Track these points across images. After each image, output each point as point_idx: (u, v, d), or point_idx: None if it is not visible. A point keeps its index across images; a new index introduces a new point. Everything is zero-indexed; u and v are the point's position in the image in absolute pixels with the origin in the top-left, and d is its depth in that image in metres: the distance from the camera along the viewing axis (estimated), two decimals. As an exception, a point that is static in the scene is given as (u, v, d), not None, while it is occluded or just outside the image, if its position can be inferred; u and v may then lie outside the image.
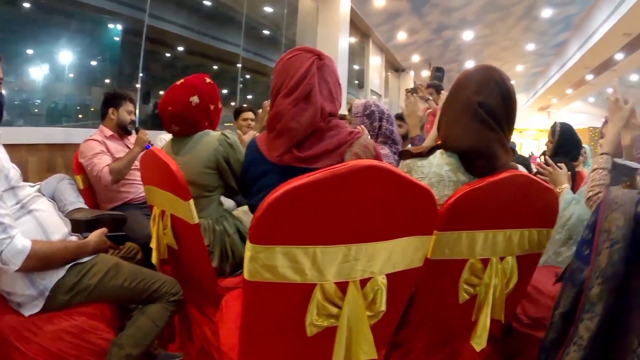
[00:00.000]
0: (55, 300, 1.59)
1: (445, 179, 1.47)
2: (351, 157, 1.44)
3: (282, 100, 1.45)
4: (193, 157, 1.92)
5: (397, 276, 1.17)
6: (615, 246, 1.26)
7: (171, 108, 1.92)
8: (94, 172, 2.68)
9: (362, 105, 2.70)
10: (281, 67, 1.49)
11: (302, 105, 1.42)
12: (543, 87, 16.71)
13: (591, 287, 1.29)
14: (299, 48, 1.52)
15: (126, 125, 2.93)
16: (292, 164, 1.43)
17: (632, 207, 1.26)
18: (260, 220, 0.95)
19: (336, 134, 1.47)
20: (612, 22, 8.32)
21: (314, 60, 1.47)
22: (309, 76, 1.43)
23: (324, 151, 1.43)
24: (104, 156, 2.73)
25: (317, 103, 1.43)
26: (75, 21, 4.18)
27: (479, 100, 1.44)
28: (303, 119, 1.41)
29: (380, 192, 1.05)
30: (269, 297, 1.06)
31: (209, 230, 1.92)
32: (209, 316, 1.87)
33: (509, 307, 1.57)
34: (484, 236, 1.41)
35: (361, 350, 1.11)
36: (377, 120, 2.67)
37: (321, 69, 1.48)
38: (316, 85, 1.44)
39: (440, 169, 1.47)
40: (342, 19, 7.43)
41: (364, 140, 1.50)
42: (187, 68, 6.44)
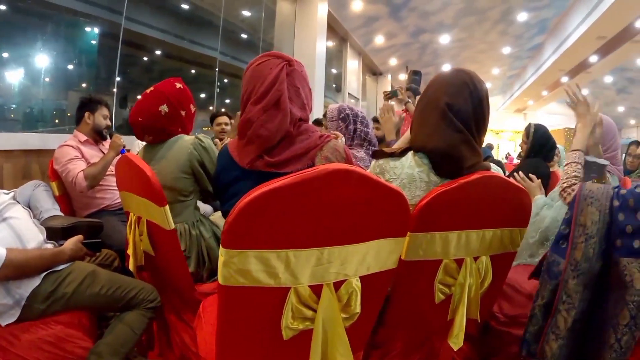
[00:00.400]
0: (32, 309, 1.57)
1: (417, 179, 1.48)
2: (321, 160, 1.46)
3: (252, 107, 1.45)
4: (168, 162, 1.91)
5: (372, 278, 1.18)
6: (590, 241, 1.29)
7: (141, 119, 1.91)
8: (69, 178, 2.64)
9: (336, 109, 2.72)
10: (251, 74, 1.50)
11: (272, 112, 1.43)
12: (519, 89, 16.95)
13: (567, 280, 1.32)
14: (268, 54, 1.52)
15: (102, 130, 2.90)
16: (263, 169, 1.44)
17: (607, 202, 1.29)
18: (233, 224, 0.96)
19: (306, 138, 1.48)
20: (587, 26, 8.49)
21: (284, 66, 1.47)
22: (278, 82, 1.44)
23: (294, 155, 1.44)
24: (79, 162, 2.69)
25: (286, 109, 1.44)
26: (52, 24, 4.11)
27: (447, 102, 1.46)
28: (272, 125, 1.42)
29: (351, 195, 1.06)
30: (244, 301, 1.06)
31: (185, 234, 1.91)
32: (188, 322, 1.86)
33: (485, 306, 1.59)
34: (458, 236, 1.43)
35: (337, 353, 1.11)
36: (352, 124, 2.70)
37: (290, 74, 1.48)
38: (285, 92, 1.45)
39: (412, 169, 1.49)
40: (320, 23, 7.44)
41: (334, 143, 1.51)
42: (165, 72, 6.38)
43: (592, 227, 1.30)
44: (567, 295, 1.32)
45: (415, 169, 1.49)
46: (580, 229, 1.32)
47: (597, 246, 1.29)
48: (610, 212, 1.29)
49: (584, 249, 1.30)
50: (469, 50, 12.72)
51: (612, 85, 15.91)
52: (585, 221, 1.31)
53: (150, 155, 1.97)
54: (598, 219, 1.30)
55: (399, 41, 10.84)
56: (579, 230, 1.32)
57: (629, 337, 1.25)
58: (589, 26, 8.39)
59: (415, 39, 10.98)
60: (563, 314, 1.33)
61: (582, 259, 1.30)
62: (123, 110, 5.23)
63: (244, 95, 1.50)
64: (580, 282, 1.30)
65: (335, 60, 10.00)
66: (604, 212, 1.29)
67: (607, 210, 1.29)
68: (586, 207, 1.31)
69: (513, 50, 13.35)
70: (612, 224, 1.28)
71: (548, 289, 1.40)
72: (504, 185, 1.45)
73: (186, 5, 6.36)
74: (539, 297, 1.42)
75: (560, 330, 1.34)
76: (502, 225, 1.51)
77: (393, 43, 10.85)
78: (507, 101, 19.89)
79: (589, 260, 1.29)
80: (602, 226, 1.29)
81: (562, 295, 1.33)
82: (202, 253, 1.93)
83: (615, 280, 1.29)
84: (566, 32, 9.94)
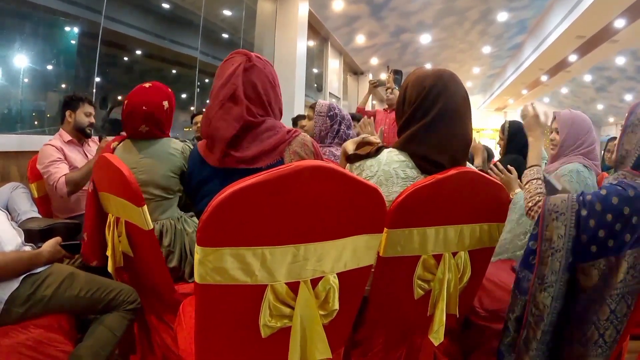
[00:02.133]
0: (10, 313, 1.55)
1: (394, 176, 1.49)
2: (290, 155, 1.49)
3: (211, 103, 1.49)
4: (159, 159, 1.94)
5: (349, 275, 1.19)
6: (557, 254, 1.32)
7: (145, 108, 1.91)
8: (50, 182, 2.61)
9: (326, 105, 2.81)
10: (217, 72, 1.53)
11: (227, 105, 1.46)
12: (499, 88, 17.11)
13: (534, 294, 1.35)
14: (235, 52, 1.55)
15: (84, 127, 2.86)
16: (233, 166, 1.46)
17: (573, 215, 1.31)
18: (207, 222, 0.95)
19: (274, 133, 1.50)
20: (566, 25, 8.58)
21: (242, 62, 1.49)
22: (233, 77, 1.46)
23: (262, 151, 1.46)
24: (61, 164, 2.66)
25: (242, 102, 1.46)
26: (30, 23, 4.04)
27: (441, 105, 1.49)
28: (229, 117, 1.44)
29: (326, 191, 1.06)
30: (221, 299, 1.06)
31: (170, 230, 1.94)
32: (168, 323, 1.85)
33: (464, 302, 1.61)
34: (436, 232, 1.44)
35: (316, 350, 1.12)
36: (337, 124, 2.79)
37: (249, 70, 1.49)
38: (240, 86, 1.46)
39: (388, 166, 1.50)
40: (301, 23, 7.43)
41: (302, 138, 1.54)
42: (145, 72, 6.32)
43: (558, 241, 1.32)
44: (536, 308, 1.34)
45: (391, 165, 1.50)
46: (546, 244, 1.33)
47: (564, 259, 1.31)
48: (577, 225, 1.31)
49: (551, 263, 1.32)
50: (450, 49, 12.80)
51: (592, 83, 16.15)
52: (551, 235, 1.33)
53: (137, 150, 1.98)
54: (564, 232, 1.32)
55: (380, 41, 10.87)
56: (545, 245, 1.34)
57: (612, 331, 1.28)
58: (568, 26, 8.49)
59: (396, 39, 11.02)
60: (533, 326, 1.36)
61: (549, 273, 1.32)
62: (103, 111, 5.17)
63: (210, 94, 1.52)
64: (547, 295, 1.33)
65: (316, 59, 10.00)
66: (569, 226, 1.31)
67: (573, 223, 1.31)
68: (551, 222, 1.33)
69: (493, 50, 13.47)
70: (580, 236, 1.30)
71: (519, 304, 1.42)
72: (480, 180, 1.47)
73: (166, 4, 6.31)
74: (511, 311, 1.45)
75: (531, 343, 1.36)
76: (480, 221, 1.53)
77: (374, 42, 10.87)
78: (487, 100, 20.09)
79: (556, 273, 1.32)
80: (568, 240, 1.31)
81: (531, 308, 1.36)
82: (185, 248, 1.95)
83: (589, 283, 1.31)
84: (546, 31, 10.05)
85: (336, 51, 10.71)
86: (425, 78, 1.54)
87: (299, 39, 7.34)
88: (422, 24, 10.18)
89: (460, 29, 11.07)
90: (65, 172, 2.62)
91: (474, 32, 11.41)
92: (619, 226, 1.25)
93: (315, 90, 10.19)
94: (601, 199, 1.29)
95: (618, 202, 1.26)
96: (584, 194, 1.33)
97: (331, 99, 10.57)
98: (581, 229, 1.29)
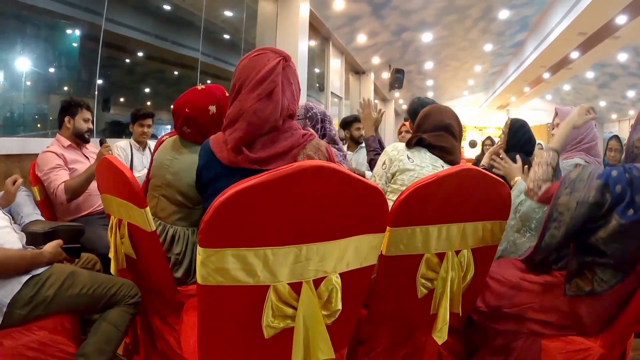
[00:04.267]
0: (13, 315, 1.56)
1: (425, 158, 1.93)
2: (304, 159, 1.45)
3: (246, 95, 1.44)
4: (187, 167, 1.86)
5: (352, 274, 1.18)
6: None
7: (188, 110, 1.86)
8: (50, 189, 2.63)
9: (303, 107, 2.65)
10: (247, 63, 1.49)
11: (265, 101, 1.42)
12: (502, 86, 17.07)
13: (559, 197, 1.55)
14: (265, 48, 1.53)
15: (83, 133, 2.86)
16: (245, 165, 1.43)
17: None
18: (209, 223, 0.95)
19: (290, 136, 1.48)
20: (567, 22, 8.57)
21: (280, 60, 1.48)
22: (274, 74, 1.44)
23: (276, 153, 1.44)
24: (61, 171, 2.66)
25: (278, 101, 1.44)
26: (31, 27, 4.05)
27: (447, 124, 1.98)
28: (264, 114, 1.42)
29: (327, 191, 1.06)
30: (223, 300, 1.06)
31: (183, 238, 1.88)
32: (172, 325, 1.84)
33: (468, 300, 1.61)
34: (438, 230, 1.44)
35: (319, 350, 1.12)
36: (319, 122, 2.65)
37: (286, 69, 1.49)
38: (280, 84, 1.45)
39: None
40: (302, 23, 7.41)
41: (316, 142, 1.51)
42: (146, 74, 6.32)
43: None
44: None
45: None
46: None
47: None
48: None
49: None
50: (451, 47, 12.78)
51: (594, 80, 16.12)
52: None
53: (177, 149, 1.94)
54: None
55: (381, 40, 10.85)
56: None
57: None
58: (569, 23, 8.47)
59: (398, 38, 11.00)
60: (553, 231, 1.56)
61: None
62: (105, 113, 5.18)
63: (237, 84, 1.48)
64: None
65: (317, 59, 9.97)
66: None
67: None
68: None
69: (495, 48, 13.45)
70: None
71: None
72: (481, 177, 1.46)
73: (167, 5, 6.31)
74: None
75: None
76: (482, 219, 1.53)
77: (375, 42, 10.85)
78: (489, 98, 20.04)
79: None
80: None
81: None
82: (194, 262, 1.89)
83: None
84: (547, 28, 10.03)
85: (338, 51, 10.68)
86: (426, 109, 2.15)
87: (300, 39, 7.32)
88: (423, 22, 10.17)
89: (461, 27, 11.05)
90: (64, 178, 2.63)
91: (476, 30, 11.40)
92: None
93: (317, 90, 10.17)
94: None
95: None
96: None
97: (333, 98, 10.55)
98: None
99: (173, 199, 1.87)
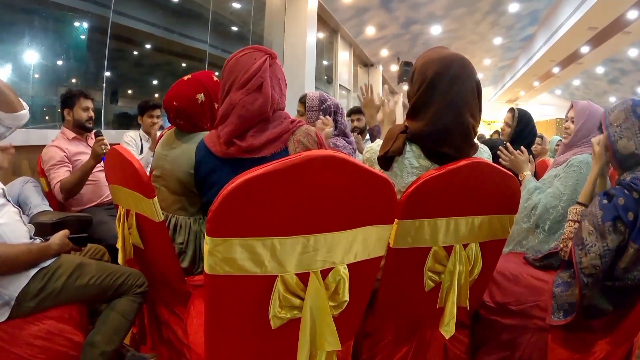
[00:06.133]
0: (22, 307, 1.56)
1: (407, 166, 1.52)
2: (294, 143, 1.50)
3: (235, 92, 1.48)
4: (185, 154, 1.87)
5: (360, 266, 1.18)
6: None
7: (176, 103, 1.88)
8: (51, 185, 2.69)
9: (317, 99, 2.65)
10: (234, 63, 1.53)
11: (254, 95, 1.47)
12: (511, 80, 16.97)
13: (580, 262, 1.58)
14: (251, 47, 1.57)
15: (84, 123, 2.88)
16: (238, 155, 1.47)
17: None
18: (217, 212, 0.95)
19: (279, 123, 1.52)
20: (578, 17, 8.50)
21: (267, 58, 1.52)
22: (261, 71, 1.49)
23: (267, 140, 1.48)
24: (61, 169, 2.70)
25: (268, 93, 1.48)
26: (39, 19, 4.06)
27: (454, 87, 1.47)
28: (253, 107, 1.46)
29: (336, 181, 1.05)
30: (230, 290, 1.05)
31: (185, 227, 1.89)
32: (179, 315, 1.85)
33: (475, 294, 1.60)
34: (446, 223, 1.43)
35: (326, 341, 1.11)
36: (332, 115, 2.64)
37: (272, 66, 1.54)
38: (267, 79, 1.50)
39: (401, 157, 1.54)
40: (310, 15, 7.39)
41: (305, 127, 1.55)
42: (154, 66, 6.32)
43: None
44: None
45: (404, 156, 1.52)
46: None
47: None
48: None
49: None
50: (460, 41, 12.70)
51: (604, 76, 15.98)
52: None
53: (173, 140, 1.96)
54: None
55: (390, 32, 10.80)
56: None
57: None
58: (580, 17, 8.40)
59: (406, 30, 10.94)
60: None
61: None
62: (113, 106, 5.19)
63: (226, 84, 1.52)
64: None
65: (326, 51, 9.94)
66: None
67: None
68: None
69: (504, 41, 13.36)
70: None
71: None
72: (491, 171, 1.45)
73: (175, -2, 6.32)
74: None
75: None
76: (491, 212, 1.52)
77: (384, 34, 10.80)
78: (498, 92, 19.93)
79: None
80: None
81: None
82: (200, 250, 1.91)
83: None
84: (557, 22, 9.94)
85: (346, 43, 10.64)
86: (430, 65, 1.50)
87: (308, 31, 7.30)
88: (432, 15, 10.10)
89: (471, 20, 10.98)
90: (61, 177, 2.66)
91: (485, 23, 11.32)
92: None
93: (325, 83, 10.15)
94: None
95: None
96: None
97: (341, 91, 10.52)
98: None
99: (173, 188, 1.89)
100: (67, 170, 2.72)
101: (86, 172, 2.66)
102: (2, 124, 1.89)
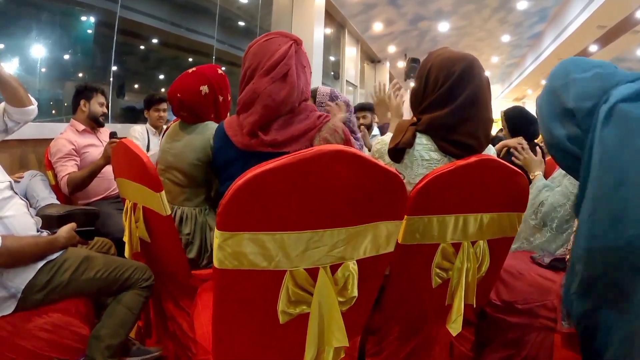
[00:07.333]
0: (28, 300, 1.57)
1: (418, 158, 1.53)
2: (320, 142, 1.46)
3: (259, 79, 1.44)
4: (189, 146, 1.90)
5: (369, 262, 1.17)
6: None
7: (180, 95, 1.89)
8: (57, 178, 2.68)
9: (328, 94, 2.65)
10: (257, 49, 1.49)
11: (279, 84, 1.43)
12: (518, 78, 16.90)
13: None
14: (275, 32, 1.53)
15: (98, 117, 2.89)
16: (259, 149, 1.44)
17: None
18: (227, 206, 0.95)
19: (304, 118, 1.48)
20: (587, 15, 8.44)
21: (292, 44, 1.49)
22: (287, 57, 1.45)
23: (292, 136, 1.44)
24: (68, 162, 2.70)
25: (294, 83, 1.45)
26: (47, 13, 4.06)
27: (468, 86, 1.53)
28: (279, 97, 1.43)
29: (347, 177, 1.05)
30: (239, 284, 1.05)
31: (191, 218, 1.90)
32: (185, 309, 1.86)
33: (482, 292, 1.59)
34: (455, 220, 1.42)
35: (334, 337, 1.11)
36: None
37: (298, 53, 1.50)
38: (293, 67, 1.46)
39: (412, 149, 1.54)
40: (317, 10, 7.38)
41: (332, 123, 1.51)
42: (161, 60, 6.33)
43: None
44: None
45: (415, 148, 1.53)
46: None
47: None
48: None
49: None
50: (468, 38, 12.64)
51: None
52: None
53: (177, 132, 1.97)
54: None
55: (398, 28, 10.76)
56: None
57: None
58: (589, 15, 8.35)
59: (414, 26, 10.91)
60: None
61: None
62: (120, 100, 5.20)
63: (248, 70, 1.48)
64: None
65: (333, 47, 9.92)
66: None
67: None
68: None
69: (512, 39, 13.27)
70: None
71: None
72: (501, 168, 1.44)
73: (182, -7, 6.31)
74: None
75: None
76: (500, 210, 1.51)
77: (391, 30, 10.77)
78: (505, 90, 19.85)
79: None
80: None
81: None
82: (206, 240, 1.92)
83: None
84: (566, 20, 9.88)
85: (353, 39, 10.62)
86: (454, 62, 1.54)
87: (315, 27, 7.29)
88: (440, 11, 10.06)
89: (479, 17, 10.92)
90: (69, 170, 2.66)
91: (493, 20, 11.25)
92: None
93: (332, 78, 10.13)
94: None
95: None
96: None
97: (348, 87, 10.51)
98: None
99: (177, 180, 1.90)
100: (74, 163, 2.72)
101: (95, 170, 2.66)
102: (11, 118, 1.92)
